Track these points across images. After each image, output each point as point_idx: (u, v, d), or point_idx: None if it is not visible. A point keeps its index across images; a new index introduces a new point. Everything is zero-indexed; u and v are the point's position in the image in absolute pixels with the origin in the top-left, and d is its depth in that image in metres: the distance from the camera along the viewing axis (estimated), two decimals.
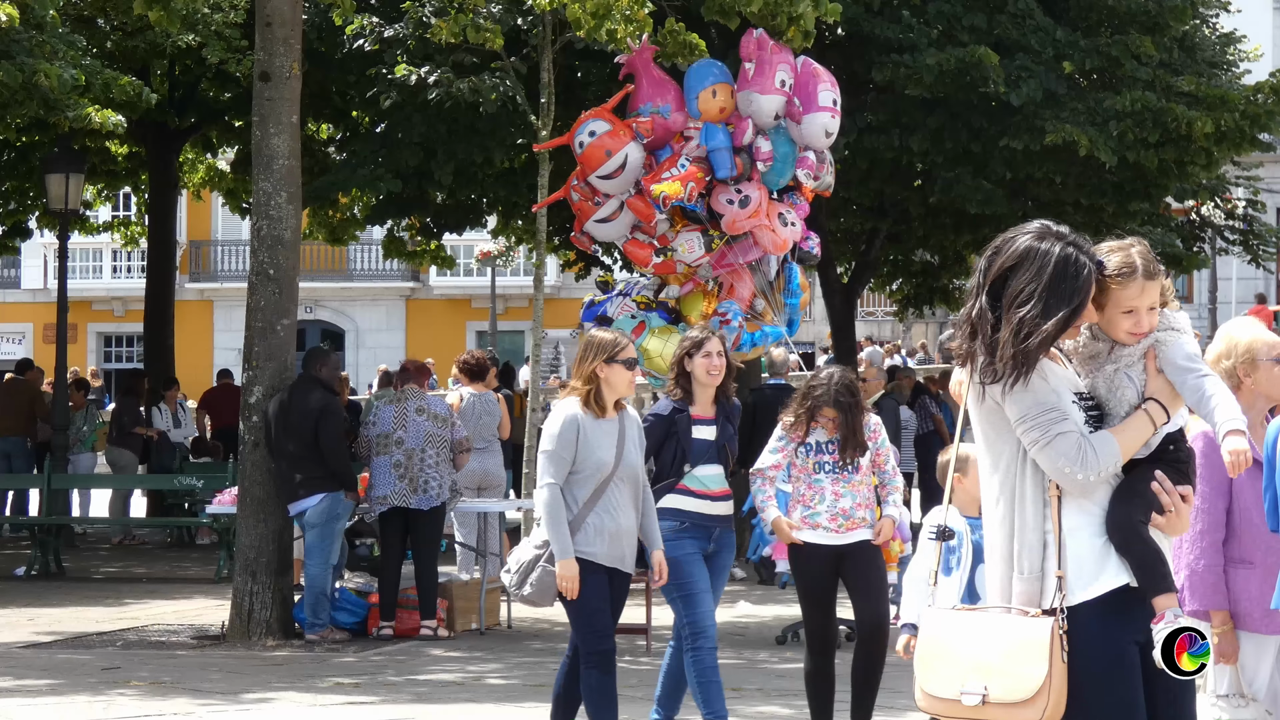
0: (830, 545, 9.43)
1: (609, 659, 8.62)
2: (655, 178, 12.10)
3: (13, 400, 23.59)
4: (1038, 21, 20.64)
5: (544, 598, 8.56)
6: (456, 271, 48.70)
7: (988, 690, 5.12)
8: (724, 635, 14.06)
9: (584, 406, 8.53)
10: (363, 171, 20.79)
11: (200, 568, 20.03)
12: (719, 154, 12.19)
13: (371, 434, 13.93)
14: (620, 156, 12.15)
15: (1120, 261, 5.29)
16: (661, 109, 12.43)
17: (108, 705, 10.79)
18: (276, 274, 13.93)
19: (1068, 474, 5.16)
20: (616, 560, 8.63)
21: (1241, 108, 20.49)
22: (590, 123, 12.37)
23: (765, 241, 12.44)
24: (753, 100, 12.15)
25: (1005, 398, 5.19)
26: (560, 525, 8.40)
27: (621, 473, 8.56)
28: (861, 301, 41.09)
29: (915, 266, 28.51)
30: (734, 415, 9.67)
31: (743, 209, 12.21)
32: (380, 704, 10.79)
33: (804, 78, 12.37)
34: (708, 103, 12.25)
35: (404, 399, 14.03)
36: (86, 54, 20.19)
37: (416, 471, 13.76)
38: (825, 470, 9.51)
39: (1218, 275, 44.48)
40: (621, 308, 12.77)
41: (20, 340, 54.55)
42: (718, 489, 9.48)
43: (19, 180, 27.52)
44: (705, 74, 12.50)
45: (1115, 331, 5.33)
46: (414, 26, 19.52)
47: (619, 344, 8.62)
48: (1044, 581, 5.21)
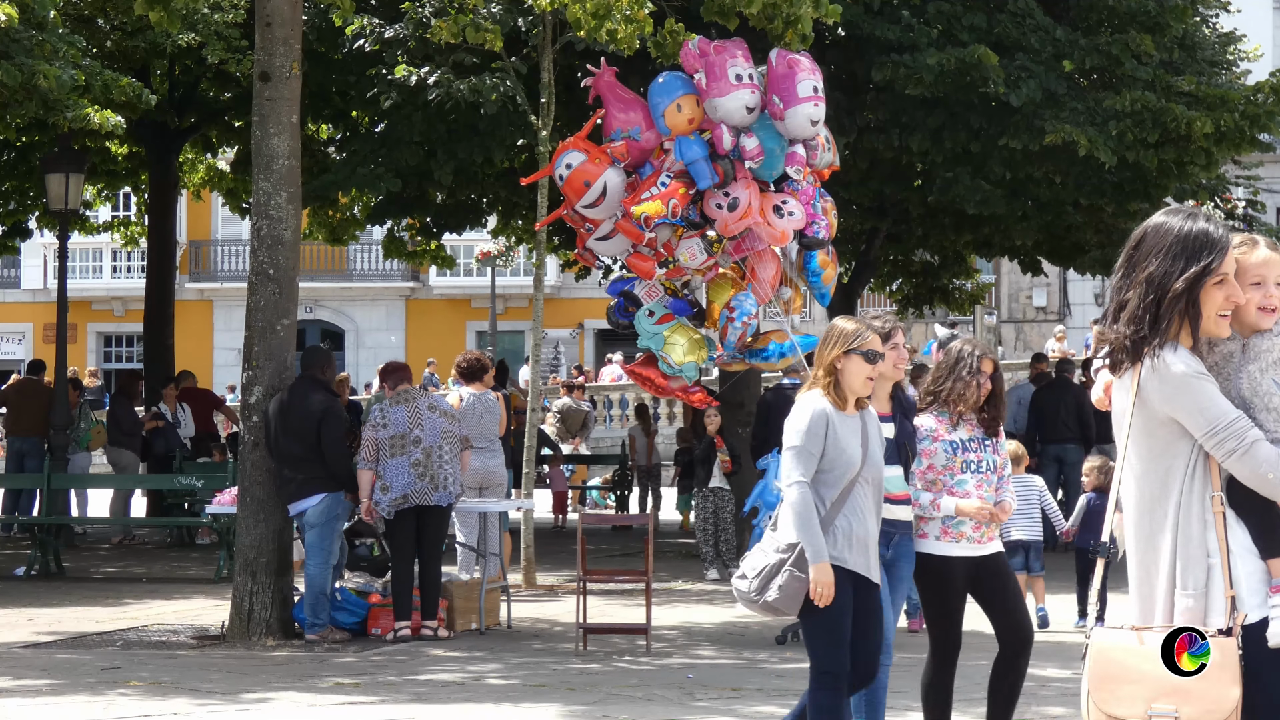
0: (971, 558, 8.69)
1: (843, 680, 8.02)
2: (635, 199, 12.03)
3: (29, 401, 23.68)
4: (1037, 21, 20.64)
5: (790, 605, 7.93)
6: (456, 271, 48.72)
7: (1179, 713, 5.13)
8: (724, 635, 14.09)
9: (828, 399, 7.94)
10: (363, 171, 20.79)
11: (200, 568, 20.03)
12: (697, 165, 12.11)
13: (383, 436, 13.77)
14: (599, 185, 12.04)
15: (1243, 238, 5.37)
16: (631, 132, 12.31)
17: (107, 705, 10.78)
18: (276, 274, 13.93)
19: (1271, 480, 5.17)
20: (865, 568, 8.02)
21: (1241, 108, 20.49)
22: (566, 155, 12.23)
23: (764, 235, 12.41)
24: (717, 107, 12.07)
25: (1182, 408, 5.21)
26: (813, 527, 7.81)
27: (866, 473, 7.99)
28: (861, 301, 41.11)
29: (915, 266, 28.52)
30: (911, 410, 8.93)
31: (732, 212, 12.14)
32: (380, 704, 10.79)
33: (781, 71, 12.24)
34: (675, 118, 12.12)
35: (412, 398, 13.99)
36: (86, 54, 20.20)
37: (436, 469, 13.75)
38: (971, 470, 8.73)
39: None
40: (650, 290, 12.63)
41: (20, 340, 54.58)
42: (898, 491, 8.68)
43: (19, 180, 27.54)
44: (667, 90, 12.26)
45: (1247, 313, 5.33)
46: (414, 27, 19.53)
47: (860, 334, 7.99)
48: (1209, 599, 5.23)
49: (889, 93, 20.38)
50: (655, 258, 12.21)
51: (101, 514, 24.20)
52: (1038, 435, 21.53)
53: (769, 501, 13.01)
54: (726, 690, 11.23)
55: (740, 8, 14.84)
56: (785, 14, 14.70)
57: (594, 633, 13.52)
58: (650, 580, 13.67)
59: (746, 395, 21.38)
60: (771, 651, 13.08)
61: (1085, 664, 5.32)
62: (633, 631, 13.66)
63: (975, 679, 11.68)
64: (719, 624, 14.79)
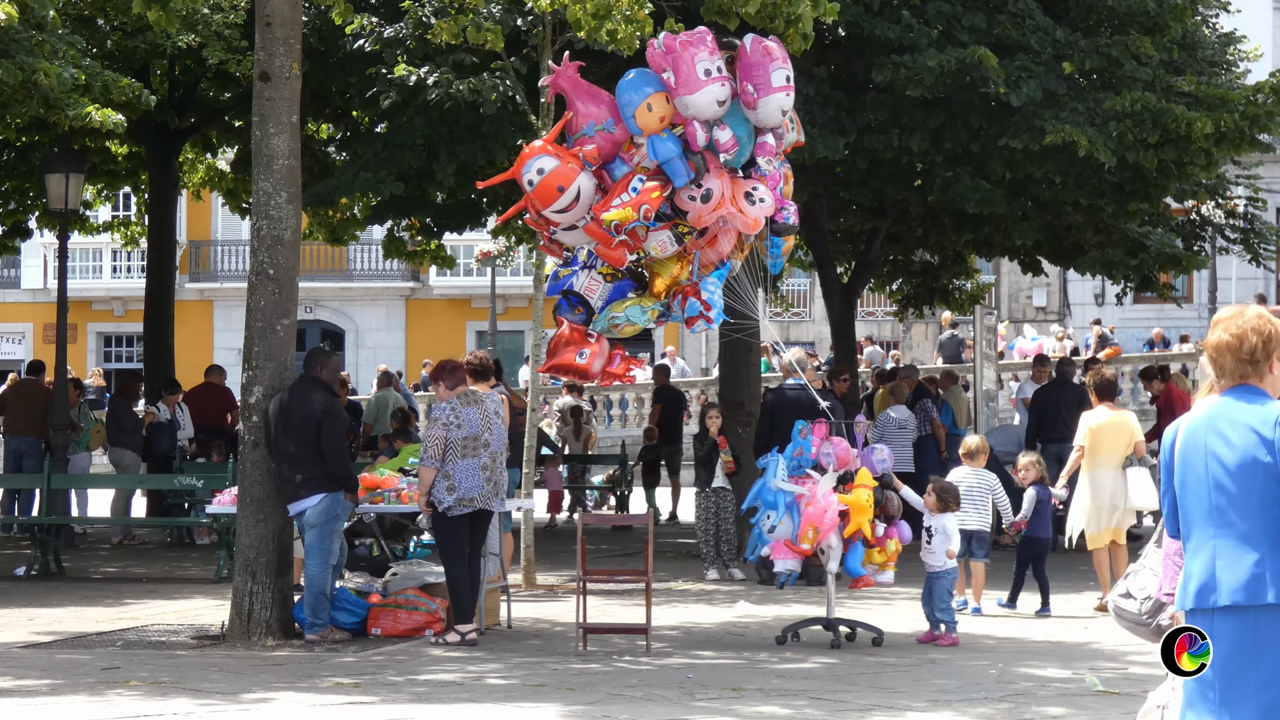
0: None
1: None
2: (605, 205, 11.97)
3: (27, 401, 23.71)
4: (1037, 21, 20.64)
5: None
6: (456, 271, 48.73)
7: None
8: (724, 635, 14.09)
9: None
10: (365, 175, 20.78)
11: (200, 568, 20.03)
12: (672, 164, 12.06)
13: (455, 436, 13.63)
14: (573, 191, 11.96)
15: None
16: (605, 124, 12.24)
17: (107, 705, 10.78)
18: (276, 274, 13.93)
19: None
20: None
21: (1241, 108, 20.49)
22: (536, 159, 12.07)
23: (736, 224, 12.41)
24: (688, 104, 12.01)
25: None
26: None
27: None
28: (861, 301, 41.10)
29: (915, 266, 28.55)
30: None
31: (706, 203, 12.11)
32: (380, 704, 10.79)
33: (755, 58, 12.19)
34: (645, 117, 12.04)
35: (480, 400, 13.91)
36: (86, 54, 20.20)
37: (498, 474, 13.80)
38: None
39: (1218, 275, 44.49)
40: (590, 286, 12.55)
41: (20, 340, 54.58)
42: None
43: (19, 180, 27.55)
44: (635, 88, 12.17)
45: None
46: (414, 27, 19.53)
47: None
48: None
49: (889, 93, 20.38)
50: (623, 246, 12.16)
51: (102, 514, 24.19)
52: (1038, 435, 21.53)
53: (767, 500, 13.04)
54: (726, 690, 11.23)
55: (738, 8, 14.83)
56: (785, 13, 14.70)
57: (594, 633, 13.52)
58: (650, 580, 13.67)
59: (746, 395, 21.40)
60: (771, 651, 13.09)
61: None
62: (633, 631, 13.67)
63: (975, 679, 11.69)
64: (719, 624, 14.80)
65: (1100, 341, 41.24)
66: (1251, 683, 5.52)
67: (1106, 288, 42.40)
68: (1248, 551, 5.56)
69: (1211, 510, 5.65)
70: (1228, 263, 43.49)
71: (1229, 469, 5.63)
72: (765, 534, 12.98)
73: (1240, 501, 5.60)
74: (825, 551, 12.93)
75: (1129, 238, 24.70)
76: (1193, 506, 5.71)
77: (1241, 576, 5.55)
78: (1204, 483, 5.68)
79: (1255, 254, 27.29)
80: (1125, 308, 38.48)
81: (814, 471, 13.04)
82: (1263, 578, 5.52)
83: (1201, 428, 5.74)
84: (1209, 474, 5.67)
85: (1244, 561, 5.56)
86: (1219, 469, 5.65)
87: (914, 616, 14.82)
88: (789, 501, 12.86)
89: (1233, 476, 5.62)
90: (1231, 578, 5.56)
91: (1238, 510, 5.60)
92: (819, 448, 13.10)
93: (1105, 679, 11.50)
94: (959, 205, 21.53)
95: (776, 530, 12.86)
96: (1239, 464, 5.62)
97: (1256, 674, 5.52)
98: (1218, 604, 5.57)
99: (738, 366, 21.72)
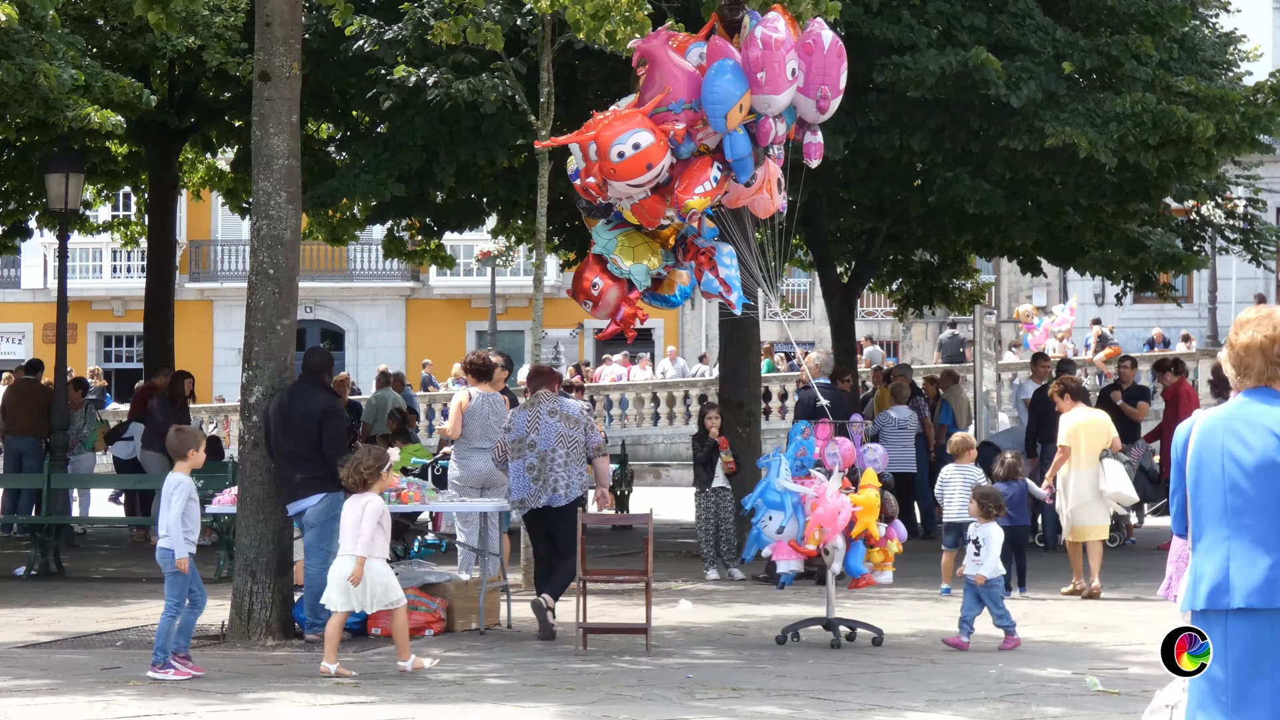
0: None
1: None
2: (689, 191, 12.06)
3: (27, 401, 23.70)
4: (1037, 22, 20.64)
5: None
6: (456, 271, 48.76)
7: None
8: (724, 635, 14.09)
9: None
10: (366, 178, 20.78)
11: (200, 568, 19.95)
12: (743, 161, 12.17)
13: (509, 440, 14.20)
14: (660, 169, 12.09)
15: None
16: (693, 104, 12.31)
17: (107, 705, 10.78)
18: (276, 274, 13.93)
19: None
20: None
21: (1242, 108, 20.49)
22: (633, 134, 11.91)
23: (759, 208, 12.52)
24: (770, 103, 12.08)
25: None
26: None
27: None
28: (861, 301, 41.13)
29: (915, 266, 28.57)
30: None
31: (749, 186, 12.30)
32: (380, 704, 10.78)
33: (813, 49, 12.40)
34: (735, 117, 12.13)
35: (537, 403, 14.25)
36: (86, 54, 20.20)
37: (548, 472, 14.03)
38: None
39: (1218, 275, 44.48)
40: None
41: (20, 340, 54.60)
42: None
43: (19, 180, 27.56)
44: (733, 89, 12.13)
45: None
46: (414, 27, 19.53)
47: None
48: None
49: (890, 93, 20.39)
50: (663, 205, 12.29)
51: (102, 514, 24.16)
52: (1038, 434, 21.52)
53: (769, 501, 13.03)
54: (726, 690, 11.22)
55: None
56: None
57: (594, 633, 13.52)
58: (650, 580, 13.67)
59: (746, 395, 21.42)
60: (771, 651, 13.08)
61: None
62: (632, 631, 13.66)
63: (975, 679, 11.69)
64: (719, 624, 14.79)
65: (1100, 341, 41.22)
66: (1266, 687, 5.48)
67: (1106, 288, 42.38)
68: (1263, 554, 5.53)
69: (1226, 511, 5.62)
70: (1228, 263, 43.48)
71: (1246, 470, 5.60)
72: (772, 534, 12.97)
73: (1257, 503, 5.57)
74: (830, 552, 12.93)
75: (1129, 238, 24.71)
76: (1206, 507, 5.68)
77: (1257, 579, 5.53)
78: (1219, 483, 5.65)
79: (1255, 254, 27.30)
80: (1125, 308, 38.45)
81: (816, 471, 13.03)
82: (1278, 580, 5.50)
83: (1218, 428, 5.71)
84: (1225, 475, 5.64)
85: (1259, 564, 5.53)
86: (1236, 470, 5.62)
87: (914, 616, 14.83)
88: (795, 502, 12.85)
89: (1250, 478, 5.59)
90: (1246, 580, 5.54)
91: (1254, 512, 5.57)
92: (824, 448, 13.10)
93: (1104, 679, 11.50)
94: (959, 205, 21.53)
95: (784, 531, 12.85)
96: (1256, 466, 5.59)
97: (1272, 678, 5.48)
98: (1231, 606, 5.54)
99: (738, 366, 21.74)
